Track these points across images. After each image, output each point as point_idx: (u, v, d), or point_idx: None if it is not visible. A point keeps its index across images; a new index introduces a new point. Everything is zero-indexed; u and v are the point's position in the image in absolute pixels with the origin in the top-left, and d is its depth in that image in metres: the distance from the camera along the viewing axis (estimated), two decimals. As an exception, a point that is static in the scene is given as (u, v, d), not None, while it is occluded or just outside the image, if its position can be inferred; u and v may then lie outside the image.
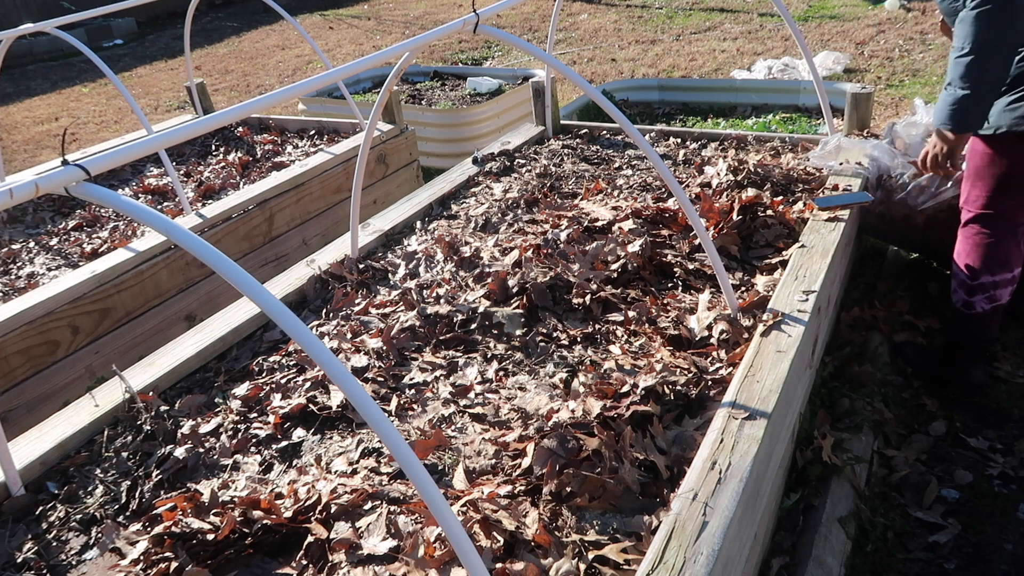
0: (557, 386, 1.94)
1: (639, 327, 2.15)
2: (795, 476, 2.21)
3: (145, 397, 2.03)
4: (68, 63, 9.93)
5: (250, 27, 11.33)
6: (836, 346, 2.75)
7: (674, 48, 7.59)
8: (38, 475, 1.84)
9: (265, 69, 8.75)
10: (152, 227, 1.18)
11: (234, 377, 2.17)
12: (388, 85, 2.39)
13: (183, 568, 1.48)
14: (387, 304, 2.40)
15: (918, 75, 6.00)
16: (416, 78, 6.03)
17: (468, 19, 1.98)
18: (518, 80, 5.54)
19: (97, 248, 3.37)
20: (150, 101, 7.98)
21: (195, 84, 4.81)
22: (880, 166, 2.87)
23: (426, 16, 10.78)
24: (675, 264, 2.45)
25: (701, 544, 1.38)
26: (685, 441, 1.71)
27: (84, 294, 2.85)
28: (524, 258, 2.47)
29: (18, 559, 1.60)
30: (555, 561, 1.43)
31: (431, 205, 3.16)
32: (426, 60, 8.10)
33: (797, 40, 3.07)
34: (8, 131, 7.35)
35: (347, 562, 1.49)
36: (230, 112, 1.44)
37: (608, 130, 3.89)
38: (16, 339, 2.65)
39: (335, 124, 4.54)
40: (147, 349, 2.56)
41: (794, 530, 2.06)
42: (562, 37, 8.52)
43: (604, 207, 2.84)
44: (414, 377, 2.06)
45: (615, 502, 1.57)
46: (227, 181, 3.99)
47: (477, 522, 1.50)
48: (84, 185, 1.16)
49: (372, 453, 1.81)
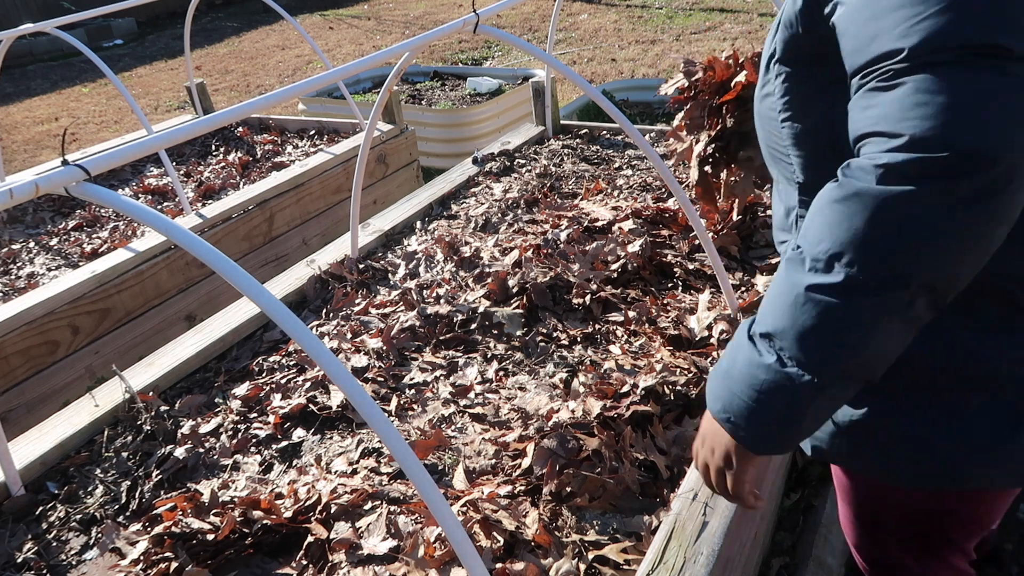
0: (557, 386, 1.94)
1: (639, 327, 2.15)
2: (795, 476, 2.21)
3: (145, 397, 2.03)
4: (68, 63, 9.93)
5: (250, 27, 11.33)
6: (836, 346, 2.75)
7: (674, 48, 7.59)
8: (38, 475, 1.84)
9: (265, 69, 8.75)
10: (152, 227, 1.18)
11: (234, 377, 2.17)
12: (388, 85, 2.39)
13: (183, 568, 1.48)
14: (387, 304, 2.40)
15: (918, 75, 5.99)
16: (416, 78, 6.03)
17: (468, 19, 1.98)
18: (518, 80, 5.54)
19: (97, 248, 3.37)
20: (150, 101, 7.98)
21: (195, 84, 4.81)
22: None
23: (426, 16, 10.78)
24: (675, 264, 2.45)
25: (701, 544, 1.38)
26: (685, 441, 1.71)
27: (84, 294, 2.86)
28: (524, 258, 2.47)
29: (18, 559, 1.60)
30: (555, 561, 1.43)
31: (431, 205, 3.16)
32: (426, 60, 8.10)
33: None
34: (8, 131, 7.35)
35: (347, 562, 1.49)
36: (230, 112, 1.44)
37: (608, 130, 3.89)
38: (16, 339, 2.65)
39: (335, 124, 4.55)
40: (147, 349, 2.56)
41: (794, 530, 2.06)
42: (562, 37, 8.52)
43: (604, 207, 2.84)
44: (414, 377, 2.06)
45: (615, 502, 1.57)
46: (227, 181, 3.99)
47: (477, 522, 1.50)
48: (84, 185, 1.16)
49: (372, 453, 1.81)
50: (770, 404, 0.88)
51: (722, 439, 0.97)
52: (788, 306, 0.86)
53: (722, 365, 0.97)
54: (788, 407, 0.87)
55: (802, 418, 0.88)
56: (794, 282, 0.85)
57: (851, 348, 0.83)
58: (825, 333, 0.83)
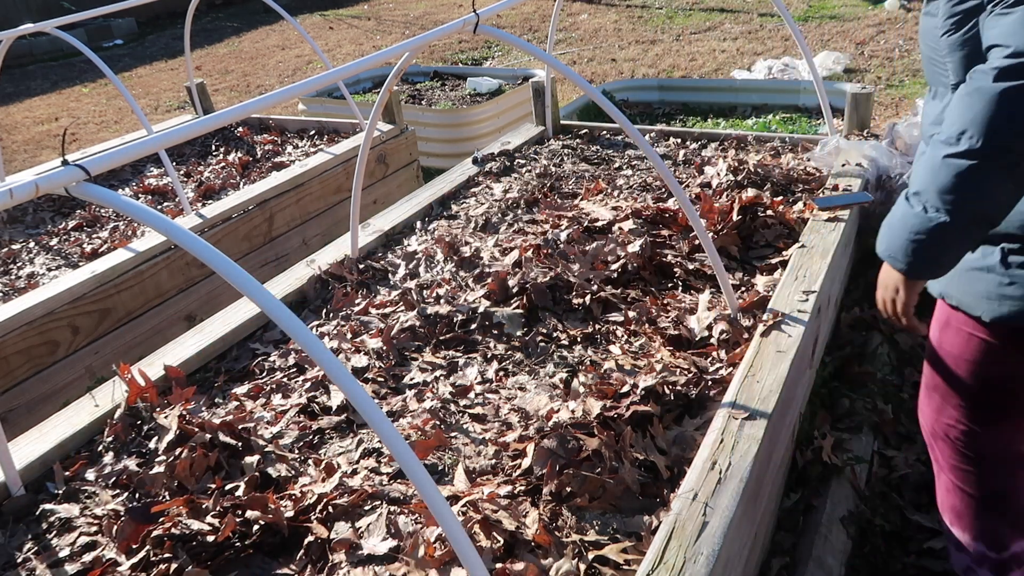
0: (557, 386, 1.94)
1: (639, 327, 2.15)
2: (795, 476, 2.21)
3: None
4: (68, 63, 9.93)
5: (250, 27, 11.33)
6: (836, 346, 2.75)
7: (674, 48, 7.59)
8: (38, 475, 1.84)
9: (265, 69, 8.75)
10: (152, 227, 1.18)
11: (234, 377, 2.17)
12: (388, 85, 2.39)
13: (183, 569, 1.48)
14: (387, 304, 2.40)
15: (918, 75, 6.00)
16: (416, 78, 6.03)
17: (468, 19, 1.98)
18: (518, 80, 5.54)
19: (97, 248, 3.37)
20: (150, 101, 7.98)
21: (195, 84, 4.81)
22: (880, 166, 2.87)
23: (426, 16, 10.78)
24: (675, 264, 2.45)
25: (701, 544, 1.38)
26: (685, 441, 1.71)
27: (84, 294, 2.85)
28: (524, 258, 2.47)
29: (18, 559, 1.60)
30: (555, 561, 1.43)
31: (431, 205, 3.16)
32: (426, 60, 8.10)
33: (797, 40, 3.07)
34: (8, 131, 7.35)
35: (347, 562, 1.49)
36: (230, 112, 1.44)
37: (608, 130, 3.89)
38: (16, 339, 2.65)
39: (335, 124, 4.55)
40: (147, 349, 2.56)
41: (794, 530, 2.06)
42: (562, 37, 8.52)
43: (604, 207, 2.84)
44: (414, 377, 2.06)
45: (615, 502, 1.57)
46: (227, 181, 3.99)
47: (477, 522, 1.50)
48: (84, 185, 1.16)
49: (372, 453, 1.81)
50: (919, 240, 1.27)
51: (890, 274, 1.39)
52: (930, 171, 1.23)
53: (887, 220, 1.36)
54: (932, 242, 1.26)
55: (943, 251, 1.27)
56: (935, 154, 1.22)
57: (973, 197, 1.20)
58: (954, 186, 1.20)
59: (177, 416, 1.86)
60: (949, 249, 1.27)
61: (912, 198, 1.28)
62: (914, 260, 1.30)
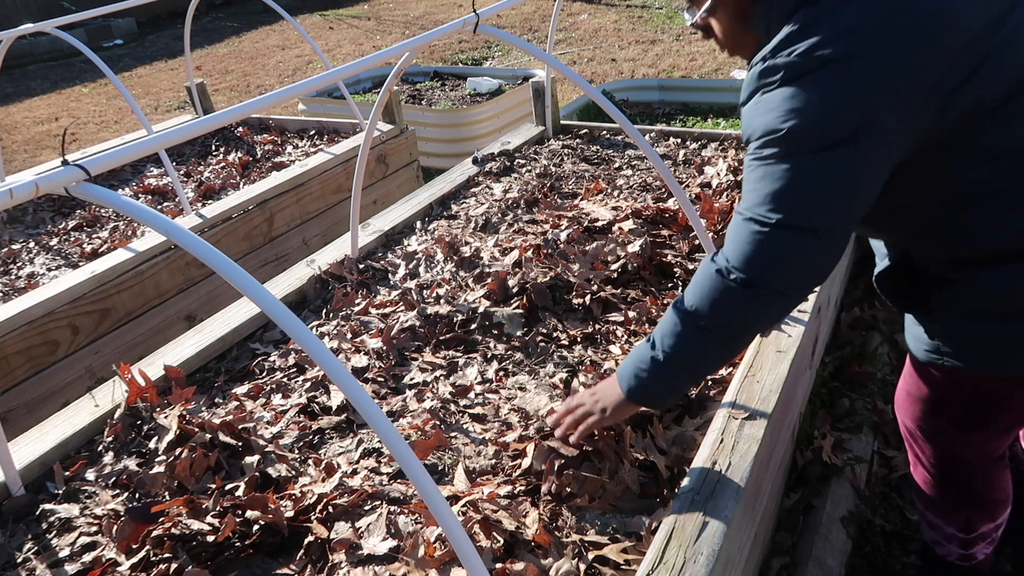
0: (557, 386, 1.94)
1: (639, 327, 2.15)
2: (795, 476, 2.21)
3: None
4: (68, 63, 9.94)
5: (250, 27, 11.33)
6: (836, 346, 2.75)
7: (674, 48, 7.59)
8: (38, 475, 1.84)
9: (265, 69, 8.75)
10: (152, 227, 1.18)
11: (234, 377, 2.17)
12: (388, 85, 2.39)
13: (183, 569, 1.48)
14: (387, 304, 2.40)
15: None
16: (416, 78, 6.03)
17: (468, 19, 1.98)
18: (518, 80, 5.54)
19: (97, 248, 3.37)
20: (150, 101, 7.98)
21: (195, 84, 4.82)
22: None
23: (426, 16, 10.78)
24: (675, 264, 2.45)
25: (701, 544, 1.38)
26: (685, 441, 1.71)
27: (84, 294, 2.86)
28: (524, 258, 2.47)
29: (18, 559, 1.60)
30: (555, 561, 1.43)
31: (431, 205, 3.16)
32: (426, 60, 8.10)
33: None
34: (8, 131, 7.36)
35: (347, 562, 1.49)
36: (230, 112, 1.44)
37: (608, 130, 3.89)
38: (16, 339, 2.65)
39: (335, 124, 4.55)
40: (147, 349, 2.56)
41: (794, 530, 2.06)
42: (562, 37, 8.52)
43: (604, 207, 2.84)
44: (414, 377, 2.06)
45: (615, 502, 1.57)
46: (227, 181, 3.99)
47: (477, 522, 1.50)
48: (84, 185, 1.16)
49: (372, 453, 1.81)
50: (639, 370, 1.45)
51: (611, 392, 1.52)
52: (668, 317, 1.42)
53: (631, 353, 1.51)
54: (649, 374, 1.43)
55: (661, 385, 1.46)
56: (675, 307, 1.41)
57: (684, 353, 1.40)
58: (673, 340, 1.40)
59: (177, 416, 1.86)
60: (664, 385, 1.47)
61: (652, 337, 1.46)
62: (635, 384, 1.47)
